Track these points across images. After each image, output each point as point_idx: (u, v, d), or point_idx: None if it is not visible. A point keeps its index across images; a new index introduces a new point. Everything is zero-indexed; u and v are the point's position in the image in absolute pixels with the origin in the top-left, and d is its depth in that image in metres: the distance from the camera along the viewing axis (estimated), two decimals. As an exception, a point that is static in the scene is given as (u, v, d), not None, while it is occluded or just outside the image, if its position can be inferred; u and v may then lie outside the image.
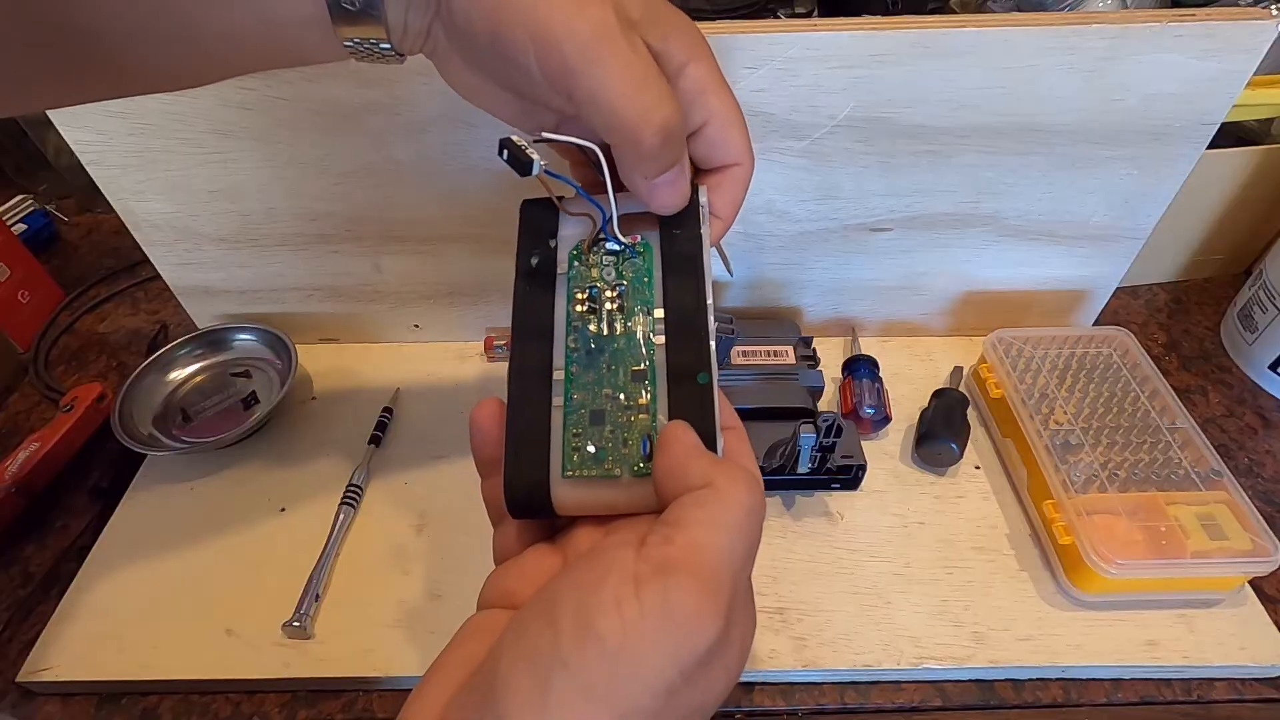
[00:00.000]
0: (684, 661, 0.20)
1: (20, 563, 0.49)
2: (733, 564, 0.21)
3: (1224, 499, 0.44)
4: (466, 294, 0.57)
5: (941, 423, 0.50)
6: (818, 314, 0.59)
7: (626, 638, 0.19)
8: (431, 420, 0.55)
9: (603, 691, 0.19)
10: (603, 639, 0.19)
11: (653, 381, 0.27)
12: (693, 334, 0.27)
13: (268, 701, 0.42)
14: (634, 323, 0.28)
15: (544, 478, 0.26)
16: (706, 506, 0.22)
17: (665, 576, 0.20)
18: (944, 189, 0.50)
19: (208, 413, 0.55)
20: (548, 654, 0.20)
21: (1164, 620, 0.43)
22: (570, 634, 0.20)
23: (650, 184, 0.27)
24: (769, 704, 0.41)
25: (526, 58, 0.24)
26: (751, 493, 0.23)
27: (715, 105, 0.28)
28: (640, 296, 0.29)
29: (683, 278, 0.28)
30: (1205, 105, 0.45)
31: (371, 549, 0.47)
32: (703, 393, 0.26)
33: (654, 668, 0.19)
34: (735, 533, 0.22)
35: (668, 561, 0.21)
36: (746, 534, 0.22)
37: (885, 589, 0.45)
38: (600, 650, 0.19)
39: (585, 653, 0.19)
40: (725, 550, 0.21)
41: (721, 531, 0.22)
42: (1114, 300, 0.58)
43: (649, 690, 0.19)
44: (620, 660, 0.19)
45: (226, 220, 0.52)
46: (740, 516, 0.22)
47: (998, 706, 0.41)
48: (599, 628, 0.19)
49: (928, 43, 0.42)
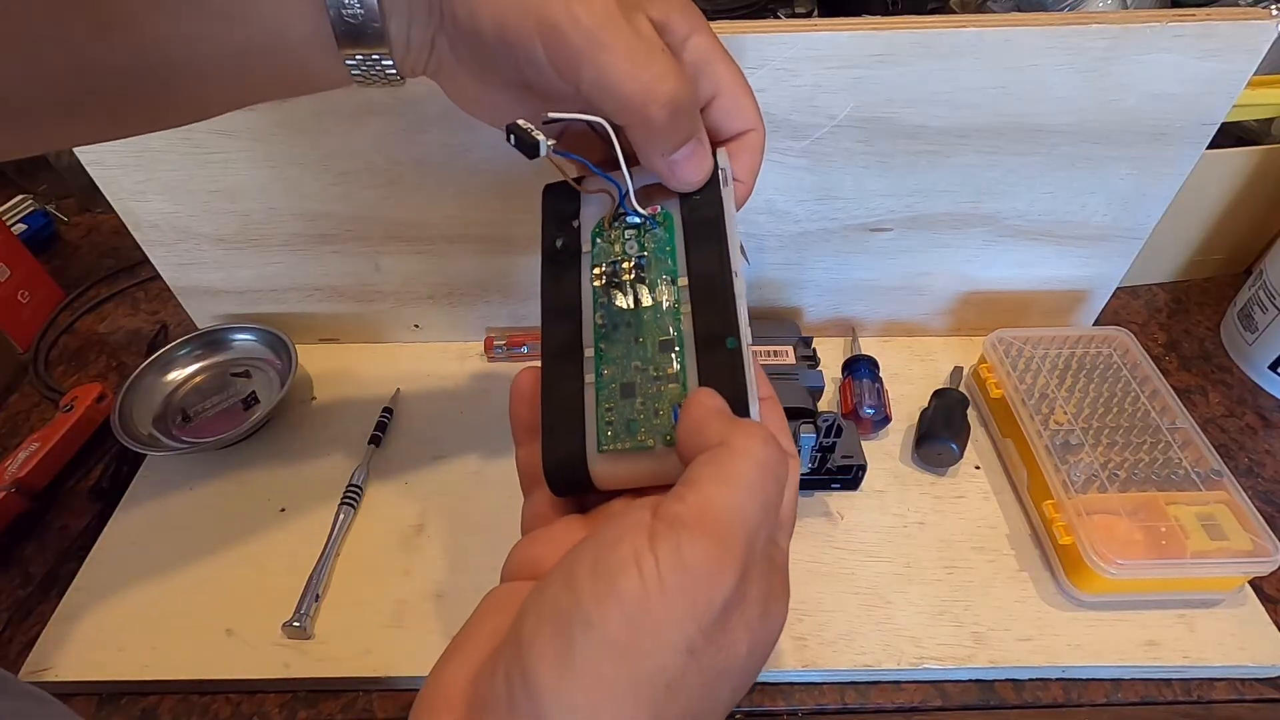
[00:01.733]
0: (701, 616, 0.20)
1: (20, 563, 0.49)
2: (745, 519, 0.21)
3: (1224, 499, 0.44)
4: (466, 294, 0.57)
5: (941, 423, 0.50)
6: (818, 314, 0.59)
7: (646, 593, 0.19)
8: (431, 420, 0.55)
9: (626, 648, 0.19)
10: (622, 596, 0.19)
11: (681, 350, 0.27)
12: (718, 299, 0.27)
13: (268, 701, 0.42)
14: (659, 293, 0.28)
15: (581, 453, 0.26)
16: (717, 463, 0.22)
17: (678, 532, 0.20)
18: (944, 189, 0.50)
19: (208, 413, 0.55)
20: (570, 613, 0.19)
21: (1164, 620, 0.43)
22: (590, 593, 0.20)
23: (669, 161, 0.27)
24: (769, 704, 0.41)
25: (534, 49, 0.25)
26: (764, 447, 0.22)
27: (723, 74, 0.28)
28: (663, 266, 0.28)
29: (704, 243, 0.28)
30: (1205, 105, 0.45)
31: (371, 549, 0.47)
32: (732, 358, 0.26)
33: (674, 623, 0.19)
34: (746, 487, 0.21)
35: (679, 517, 0.21)
36: (760, 488, 0.22)
37: (885, 589, 0.45)
38: (621, 607, 0.19)
39: (606, 610, 0.19)
40: (736, 505, 0.21)
41: (730, 486, 0.21)
42: (1114, 300, 0.58)
43: (670, 646, 0.19)
44: (642, 616, 0.19)
45: (226, 220, 0.52)
46: (751, 470, 0.22)
47: (998, 706, 0.41)
48: (618, 585, 0.19)
49: (928, 43, 0.42)
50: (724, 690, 0.21)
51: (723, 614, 0.20)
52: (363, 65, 0.27)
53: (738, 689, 0.22)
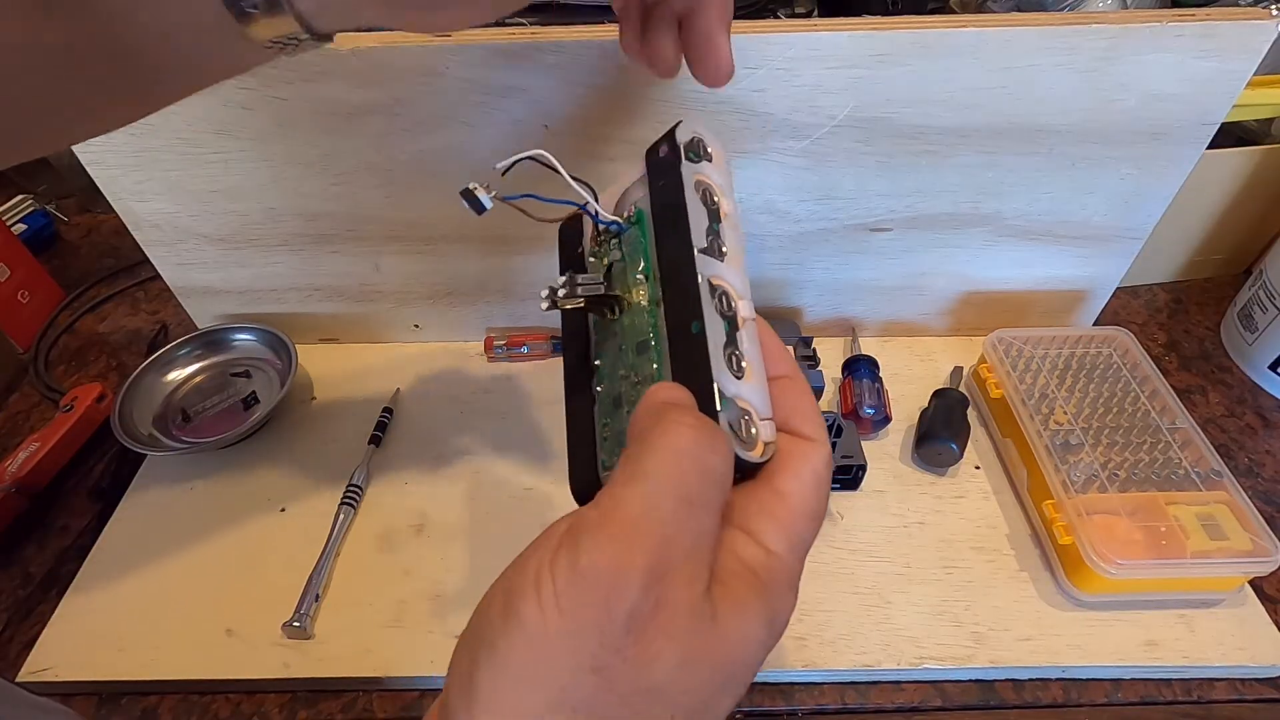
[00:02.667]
0: (603, 629, 0.18)
1: (20, 563, 0.49)
2: (655, 516, 0.19)
3: (1224, 499, 0.44)
4: (466, 294, 0.57)
5: (941, 423, 0.50)
6: (818, 314, 0.59)
7: (543, 612, 0.18)
8: (431, 420, 0.55)
9: (522, 673, 0.18)
10: (521, 618, 0.18)
11: (657, 348, 0.26)
12: (681, 282, 0.25)
13: (268, 701, 0.42)
14: (636, 294, 0.27)
15: (595, 476, 0.26)
16: (629, 459, 0.20)
17: (578, 540, 0.19)
18: (944, 189, 0.50)
19: (208, 413, 0.55)
20: (479, 637, 0.19)
21: (1164, 620, 0.43)
22: (498, 617, 0.19)
23: None
24: (769, 704, 0.41)
25: None
26: (682, 434, 0.20)
27: None
28: (636, 266, 0.28)
29: (668, 228, 0.26)
30: (1205, 105, 0.45)
31: (371, 549, 0.47)
32: (696, 344, 0.24)
33: (572, 640, 0.18)
34: (656, 480, 0.19)
35: (583, 524, 0.19)
36: (674, 480, 0.20)
37: (885, 589, 0.45)
38: (521, 630, 0.18)
39: (509, 634, 0.18)
40: (643, 502, 0.19)
41: (638, 481, 0.19)
42: (1114, 300, 0.58)
43: (570, 667, 0.18)
44: (538, 639, 0.18)
45: (226, 220, 0.52)
46: (664, 462, 0.20)
47: (998, 706, 0.41)
48: (517, 608, 0.18)
49: (928, 43, 0.42)
50: (657, 711, 0.19)
51: (629, 624, 0.18)
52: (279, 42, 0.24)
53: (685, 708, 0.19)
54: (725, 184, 0.28)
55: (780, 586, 0.22)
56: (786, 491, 0.23)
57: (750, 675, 0.21)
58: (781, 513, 0.22)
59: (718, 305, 0.24)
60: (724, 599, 0.20)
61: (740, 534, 0.22)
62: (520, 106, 0.44)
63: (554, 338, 0.58)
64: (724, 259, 0.26)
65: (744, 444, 0.22)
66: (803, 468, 0.23)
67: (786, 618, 0.22)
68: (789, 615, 0.22)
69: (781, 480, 0.23)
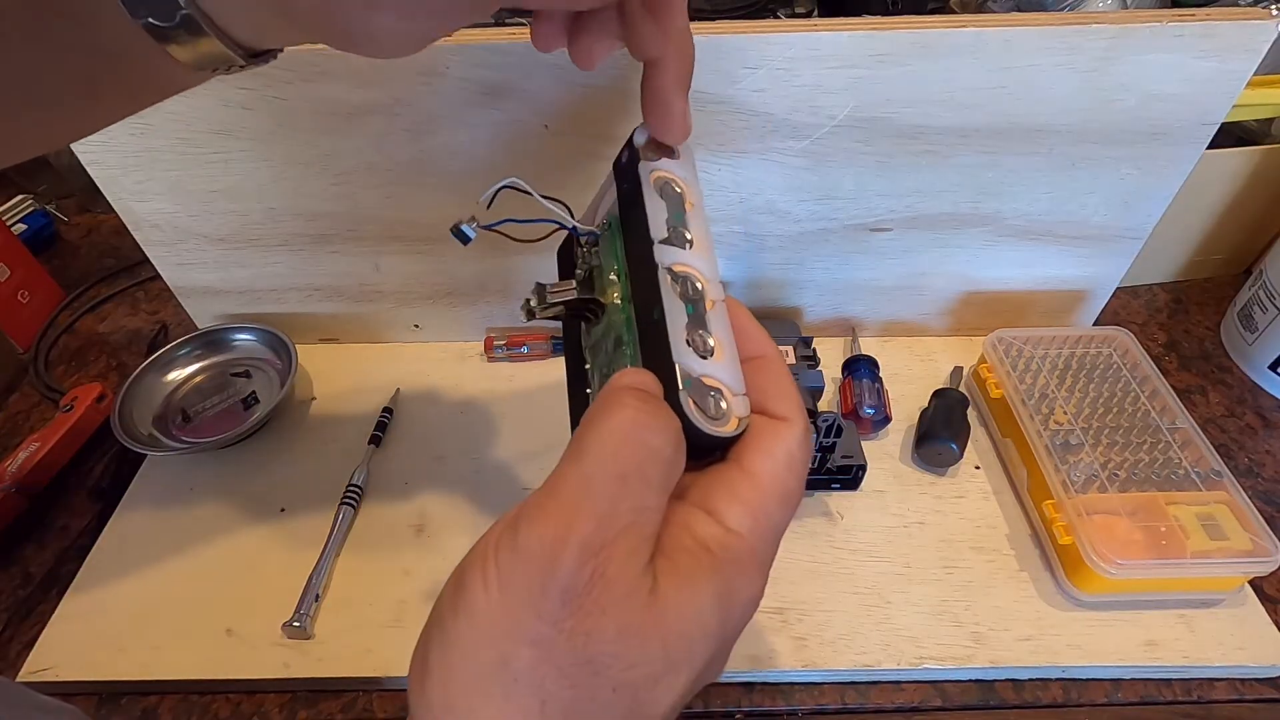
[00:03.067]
0: (538, 602, 0.18)
1: (20, 563, 0.49)
2: (592, 490, 0.19)
3: (1224, 499, 0.44)
4: (466, 294, 0.57)
5: (941, 423, 0.50)
6: (818, 314, 0.59)
7: (487, 589, 0.19)
8: (431, 420, 0.55)
9: (468, 647, 0.19)
10: (468, 598, 0.19)
11: (630, 342, 0.26)
12: (642, 274, 0.26)
13: (268, 701, 0.42)
14: (612, 295, 0.28)
15: None
16: (572, 441, 0.21)
17: (518, 519, 0.19)
18: (944, 189, 0.50)
19: (208, 413, 0.54)
20: (435, 617, 0.20)
21: (1164, 620, 0.43)
22: (449, 597, 0.20)
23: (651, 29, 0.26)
24: (769, 704, 0.41)
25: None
26: (625, 415, 0.20)
27: None
28: (611, 268, 0.29)
29: (630, 222, 0.27)
30: (1205, 105, 0.45)
31: (371, 549, 0.47)
32: (658, 328, 0.24)
33: (510, 616, 0.19)
34: (594, 458, 0.20)
35: (526, 505, 0.20)
36: (613, 458, 0.20)
37: (885, 589, 0.45)
38: (467, 608, 0.19)
39: (456, 613, 0.19)
40: (579, 478, 0.20)
41: (577, 460, 0.20)
42: (1114, 300, 0.58)
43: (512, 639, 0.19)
44: (481, 614, 0.19)
45: (226, 220, 0.52)
46: (603, 441, 0.20)
47: (998, 706, 0.41)
48: (466, 588, 0.19)
49: (928, 43, 0.42)
50: (598, 683, 0.19)
51: (564, 597, 0.19)
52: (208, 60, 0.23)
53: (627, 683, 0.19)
54: (689, 176, 0.29)
55: (739, 565, 0.21)
56: (755, 470, 0.22)
57: (704, 651, 0.20)
58: (748, 492, 0.22)
59: (681, 290, 0.25)
60: (667, 573, 0.20)
61: (699, 512, 0.22)
62: (520, 106, 0.44)
63: (554, 338, 0.58)
64: (690, 246, 0.26)
65: (714, 420, 0.23)
66: (775, 446, 0.23)
67: (746, 598, 0.22)
68: (751, 596, 0.22)
69: (751, 459, 0.23)
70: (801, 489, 0.24)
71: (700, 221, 0.27)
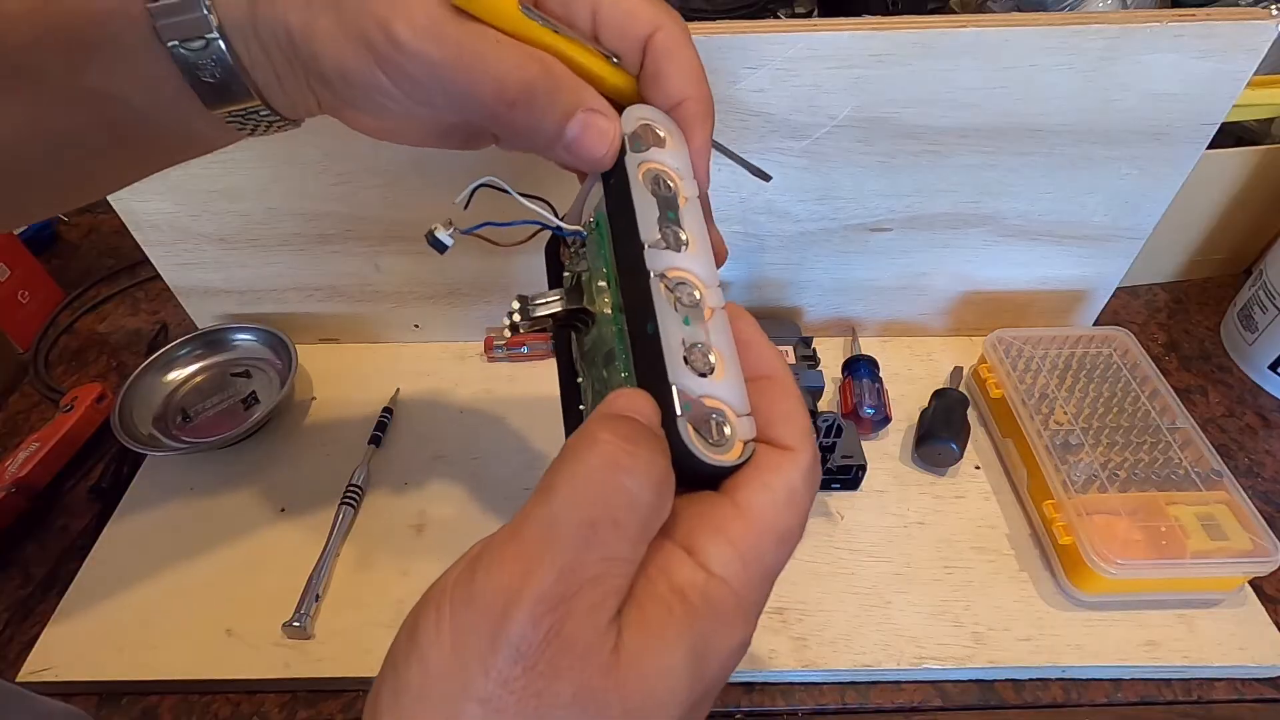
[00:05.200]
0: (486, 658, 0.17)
1: (20, 563, 0.49)
2: (556, 538, 0.18)
3: (1224, 499, 0.44)
4: (466, 294, 0.57)
5: (941, 423, 0.50)
6: (818, 314, 0.59)
7: (438, 640, 0.18)
8: (431, 420, 0.55)
9: (418, 697, 0.18)
10: (419, 643, 0.18)
11: (626, 357, 0.24)
12: (633, 282, 0.23)
13: (268, 701, 0.42)
14: (602, 303, 0.26)
15: None
16: (544, 476, 0.19)
17: (477, 562, 0.18)
18: (944, 189, 0.50)
19: (208, 413, 0.54)
20: (390, 656, 0.19)
21: (1164, 620, 0.43)
22: (405, 638, 0.19)
23: (565, 145, 0.25)
24: (769, 704, 0.41)
25: (379, 81, 0.24)
26: (598, 454, 0.18)
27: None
28: (600, 274, 0.26)
29: (620, 227, 0.25)
30: (1205, 105, 0.45)
31: (371, 549, 0.47)
32: (651, 346, 0.22)
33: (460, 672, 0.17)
34: (562, 502, 0.18)
35: (489, 544, 0.18)
36: (583, 502, 0.18)
37: (885, 589, 0.45)
38: (418, 654, 0.18)
39: (409, 658, 0.18)
40: (545, 522, 0.18)
41: (545, 502, 0.18)
42: (1114, 300, 0.58)
43: (460, 697, 0.17)
44: (432, 665, 0.18)
45: (226, 220, 0.52)
46: (573, 483, 0.18)
47: (998, 706, 0.41)
48: (418, 632, 0.18)
49: (928, 43, 0.42)
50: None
51: (516, 655, 0.17)
52: (245, 120, 0.26)
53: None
54: (683, 166, 0.26)
55: (719, 617, 0.19)
56: (749, 506, 0.20)
57: (674, 713, 0.18)
58: (738, 531, 0.20)
59: (676, 299, 0.22)
60: (634, 626, 0.18)
61: (679, 552, 0.20)
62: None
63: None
64: (684, 248, 0.24)
65: (715, 446, 0.21)
66: (773, 479, 0.20)
67: (726, 651, 0.19)
68: (733, 647, 0.20)
69: (746, 493, 0.20)
70: (802, 529, 0.21)
71: (695, 219, 0.25)
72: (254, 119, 0.26)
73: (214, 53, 0.24)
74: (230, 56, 0.24)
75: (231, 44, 0.24)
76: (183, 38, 0.23)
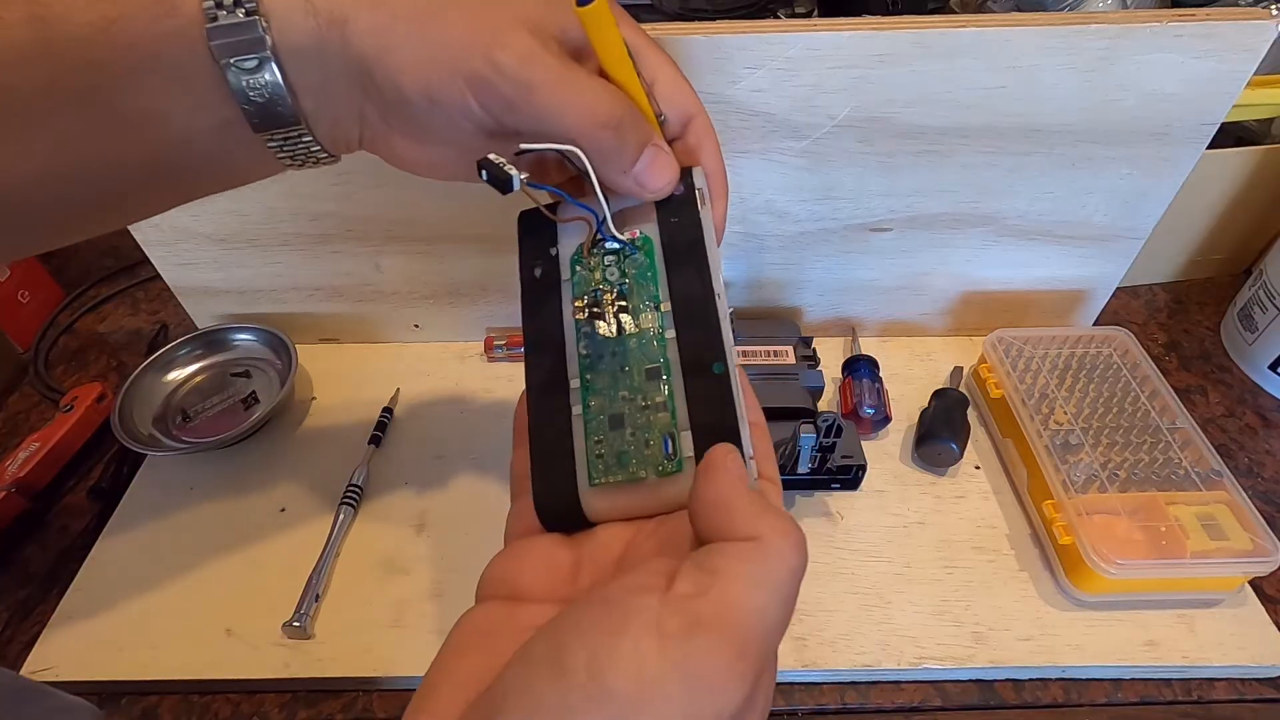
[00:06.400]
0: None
1: (20, 563, 0.49)
2: (766, 627, 0.19)
3: (1224, 499, 0.44)
4: (466, 294, 0.57)
5: (941, 423, 0.50)
6: (818, 314, 0.59)
7: (641, 695, 0.18)
8: (431, 420, 0.55)
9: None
10: (614, 695, 0.18)
11: (668, 378, 0.26)
12: (703, 323, 0.26)
13: (268, 701, 0.42)
14: (643, 320, 0.28)
15: (573, 489, 0.26)
16: (751, 563, 0.20)
17: (693, 634, 0.18)
18: (944, 189, 0.50)
19: (208, 413, 0.54)
20: (554, 707, 0.18)
21: (1164, 620, 0.43)
22: (581, 687, 0.18)
23: (633, 175, 0.27)
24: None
25: (467, 105, 0.25)
26: (798, 553, 0.21)
27: (654, 60, 0.29)
28: (646, 292, 0.28)
29: (686, 267, 0.28)
30: (1205, 105, 0.45)
31: (372, 549, 0.47)
32: (720, 384, 0.25)
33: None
34: (776, 595, 0.20)
35: (699, 617, 0.19)
36: (787, 598, 0.20)
37: (885, 589, 0.45)
38: (613, 707, 0.17)
39: (597, 708, 0.18)
40: (762, 612, 0.19)
41: (762, 592, 0.20)
42: (1114, 300, 0.58)
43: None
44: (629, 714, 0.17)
45: (226, 220, 0.52)
46: (784, 579, 0.20)
47: (998, 706, 0.41)
48: (612, 683, 0.18)
49: (928, 43, 0.42)
50: None
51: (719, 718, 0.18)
52: (285, 146, 0.27)
53: None
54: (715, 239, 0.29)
55: None
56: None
57: None
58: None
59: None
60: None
61: None
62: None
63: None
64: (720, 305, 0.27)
65: None
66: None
67: None
68: None
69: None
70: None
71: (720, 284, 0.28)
72: (294, 146, 0.27)
73: (266, 73, 0.24)
74: (281, 78, 0.24)
75: (284, 67, 0.24)
76: (236, 56, 0.24)
